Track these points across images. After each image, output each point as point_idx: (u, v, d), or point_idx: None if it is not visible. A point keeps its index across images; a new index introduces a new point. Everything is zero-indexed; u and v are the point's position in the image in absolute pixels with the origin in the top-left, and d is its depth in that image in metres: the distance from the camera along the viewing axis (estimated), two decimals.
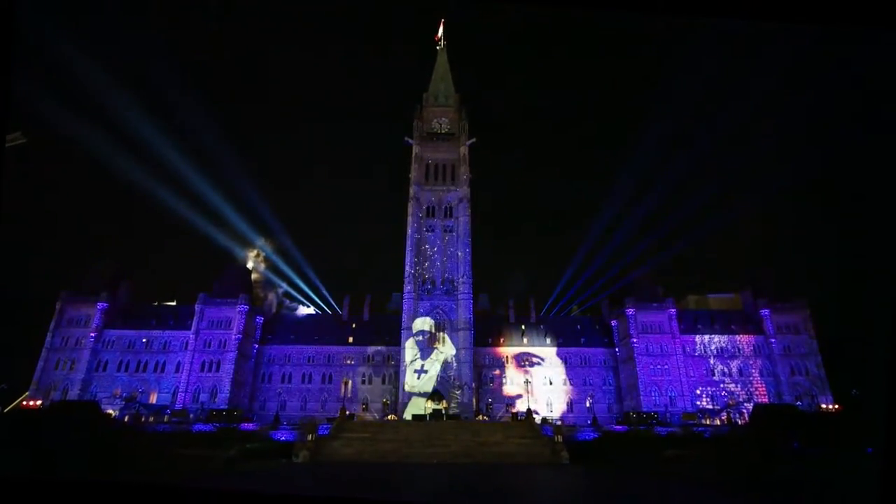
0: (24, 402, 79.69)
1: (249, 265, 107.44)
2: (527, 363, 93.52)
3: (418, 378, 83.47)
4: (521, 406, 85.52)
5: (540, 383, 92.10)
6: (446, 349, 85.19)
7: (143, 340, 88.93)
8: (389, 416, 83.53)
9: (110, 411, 74.56)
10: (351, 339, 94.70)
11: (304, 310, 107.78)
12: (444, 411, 78.05)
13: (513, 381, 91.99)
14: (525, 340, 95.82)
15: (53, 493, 4.21)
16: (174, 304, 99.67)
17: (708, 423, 76.91)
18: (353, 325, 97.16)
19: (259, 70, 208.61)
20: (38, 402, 78.44)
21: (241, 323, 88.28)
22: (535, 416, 71.55)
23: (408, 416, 77.42)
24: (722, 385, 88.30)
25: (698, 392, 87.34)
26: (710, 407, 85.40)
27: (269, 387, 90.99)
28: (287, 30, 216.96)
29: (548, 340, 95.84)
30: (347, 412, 76.16)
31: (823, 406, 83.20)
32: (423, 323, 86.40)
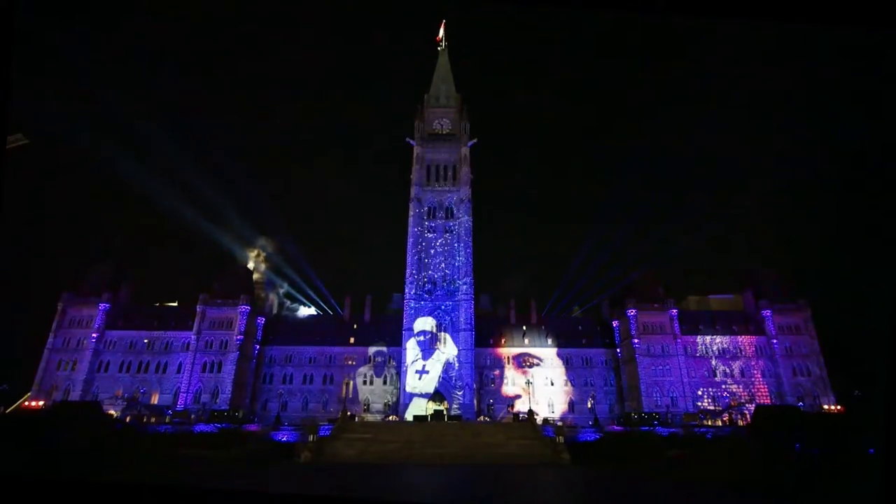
0: (26, 403, 79.83)
1: (250, 265, 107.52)
2: (528, 364, 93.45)
3: (420, 379, 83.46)
4: (522, 407, 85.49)
5: (541, 384, 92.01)
6: (448, 350, 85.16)
7: (145, 341, 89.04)
8: (391, 417, 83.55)
9: (112, 412, 74.62)
10: (352, 340, 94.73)
11: (306, 310, 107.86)
12: (445, 412, 78.01)
13: (514, 382, 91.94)
14: (526, 341, 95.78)
15: (54, 494, 4.21)
16: (175, 304, 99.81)
17: (710, 423, 76.76)
18: (355, 326, 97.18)
19: (260, 70, 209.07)
20: (40, 403, 78.55)
21: (242, 323, 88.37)
22: (536, 416, 71.48)
23: (409, 416, 77.39)
24: (724, 386, 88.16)
25: (700, 393, 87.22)
26: (712, 408, 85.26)
27: (271, 387, 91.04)
28: (288, 30, 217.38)
29: (549, 341, 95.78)
30: (349, 413, 76.17)
31: (825, 407, 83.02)
32: (425, 323, 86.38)
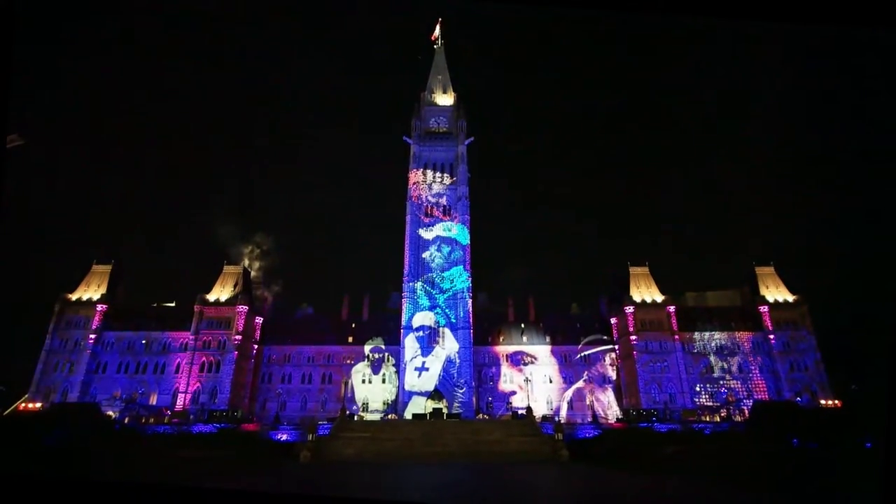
0: (24, 405, 79.58)
1: (248, 264, 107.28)
2: (526, 361, 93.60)
3: (419, 377, 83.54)
4: (521, 404, 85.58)
5: (540, 381, 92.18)
6: (446, 348, 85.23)
7: (143, 342, 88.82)
8: (390, 416, 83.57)
9: (110, 413, 74.53)
10: (350, 339, 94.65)
11: (304, 309, 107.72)
12: (444, 410, 78.08)
13: (512, 380, 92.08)
14: (524, 339, 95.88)
15: (54, 494, 4.21)
16: (173, 304, 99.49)
17: (708, 419, 77.06)
18: (353, 325, 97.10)
19: (257, 68, 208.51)
20: (38, 405, 78.35)
21: (240, 323, 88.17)
22: (534, 414, 71.63)
23: (408, 415, 77.43)
24: (721, 382, 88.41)
25: (698, 389, 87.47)
26: (710, 404, 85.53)
27: (269, 387, 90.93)
28: (286, 29, 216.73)
29: (547, 338, 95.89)
30: (347, 412, 76.19)
31: (823, 402, 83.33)
32: (424, 318, 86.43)
